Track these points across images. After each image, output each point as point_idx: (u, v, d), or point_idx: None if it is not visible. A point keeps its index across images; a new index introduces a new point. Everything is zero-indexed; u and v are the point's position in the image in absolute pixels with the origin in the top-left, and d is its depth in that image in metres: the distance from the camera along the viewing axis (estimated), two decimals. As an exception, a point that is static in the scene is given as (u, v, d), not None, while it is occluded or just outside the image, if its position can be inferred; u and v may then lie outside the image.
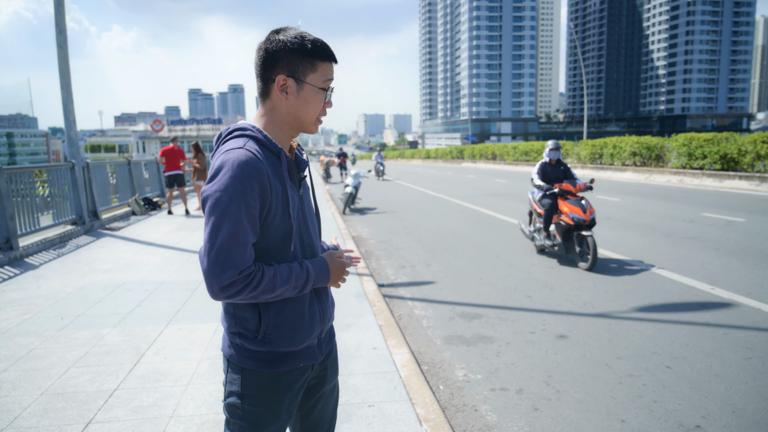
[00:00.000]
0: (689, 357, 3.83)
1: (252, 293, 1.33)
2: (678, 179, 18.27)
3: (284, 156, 1.43)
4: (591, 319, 4.72)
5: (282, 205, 1.40)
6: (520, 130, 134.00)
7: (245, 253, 1.31)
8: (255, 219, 1.33)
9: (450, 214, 12.18)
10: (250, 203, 1.30)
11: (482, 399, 3.34)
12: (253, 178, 1.31)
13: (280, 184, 1.40)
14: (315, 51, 1.40)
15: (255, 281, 1.32)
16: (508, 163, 35.92)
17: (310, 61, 1.41)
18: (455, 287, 5.96)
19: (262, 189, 1.33)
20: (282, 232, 1.42)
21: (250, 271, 1.32)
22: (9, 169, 7.07)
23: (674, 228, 9.05)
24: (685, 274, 6.05)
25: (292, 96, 1.42)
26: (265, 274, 1.34)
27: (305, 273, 1.42)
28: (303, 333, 1.47)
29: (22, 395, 3.13)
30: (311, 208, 1.59)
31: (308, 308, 1.48)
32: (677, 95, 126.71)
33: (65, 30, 8.79)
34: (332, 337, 1.68)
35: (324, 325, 1.55)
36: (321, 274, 1.47)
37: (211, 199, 1.31)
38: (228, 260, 1.29)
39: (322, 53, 1.41)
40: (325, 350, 1.60)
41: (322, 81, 1.43)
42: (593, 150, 25.12)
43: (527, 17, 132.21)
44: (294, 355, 1.49)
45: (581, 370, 3.70)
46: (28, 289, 5.51)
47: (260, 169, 1.32)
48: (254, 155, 1.34)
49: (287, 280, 1.37)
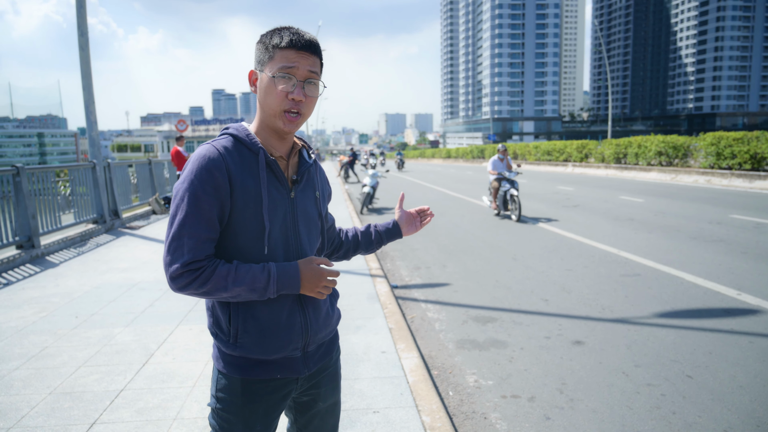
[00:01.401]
0: (712, 366, 3.68)
1: (201, 289, 1.29)
2: (705, 179, 17.80)
3: (263, 155, 1.37)
4: (609, 325, 4.58)
5: (253, 204, 1.35)
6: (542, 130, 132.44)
7: (196, 246, 1.29)
8: (209, 213, 1.30)
9: (468, 215, 12.04)
10: (203, 197, 1.29)
11: (492, 406, 3.25)
12: (210, 172, 1.30)
13: (252, 182, 1.35)
14: (272, 39, 1.35)
15: (203, 277, 1.28)
16: (529, 163, 35.50)
17: (269, 51, 1.35)
18: (470, 289, 5.86)
19: (217, 184, 1.30)
20: (253, 232, 1.36)
21: (198, 265, 1.28)
22: (31, 168, 7.20)
23: (700, 230, 8.78)
24: (711, 278, 5.84)
25: (258, 89, 1.39)
26: (217, 272, 1.29)
27: (266, 275, 1.33)
28: (277, 342, 1.40)
29: (31, 394, 3.15)
30: (307, 212, 1.49)
31: (287, 317, 1.41)
32: (706, 93, 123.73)
33: (87, 32, 8.91)
34: (329, 353, 1.57)
35: (308, 337, 1.46)
36: (287, 279, 1.35)
37: (173, 193, 1.35)
38: (176, 252, 1.28)
39: (282, 42, 1.34)
40: (313, 365, 1.51)
41: (278, 68, 1.34)
42: (617, 149, 24.65)
43: (551, 14, 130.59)
44: (269, 365, 1.42)
45: (597, 377, 3.58)
46: (47, 287, 5.59)
47: (218, 165, 1.31)
48: (216, 150, 1.33)
49: (242, 280, 1.31)
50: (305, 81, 1.36)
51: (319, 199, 1.53)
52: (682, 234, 8.51)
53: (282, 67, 1.34)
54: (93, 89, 9.16)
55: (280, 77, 1.34)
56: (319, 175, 1.58)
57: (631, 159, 23.48)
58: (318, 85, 1.40)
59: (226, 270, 1.30)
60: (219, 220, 1.33)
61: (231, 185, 1.32)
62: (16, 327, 4.34)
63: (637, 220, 10.16)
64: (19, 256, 6.53)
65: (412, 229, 1.80)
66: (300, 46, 1.35)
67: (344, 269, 6.29)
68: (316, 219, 1.52)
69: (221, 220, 1.34)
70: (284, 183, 1.42)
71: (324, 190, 1.59)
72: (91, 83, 9.13)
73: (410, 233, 1.79)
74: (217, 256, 1.39)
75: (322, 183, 1.59)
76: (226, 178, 1.31)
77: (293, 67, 1.34)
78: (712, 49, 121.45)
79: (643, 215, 10.71)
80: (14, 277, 6.04)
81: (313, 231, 1.52)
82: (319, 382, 1.55)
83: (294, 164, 1.48)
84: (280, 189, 1.41)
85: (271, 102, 1.36)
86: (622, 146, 24.36)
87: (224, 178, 1.31)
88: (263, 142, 1.41)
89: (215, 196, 1.30)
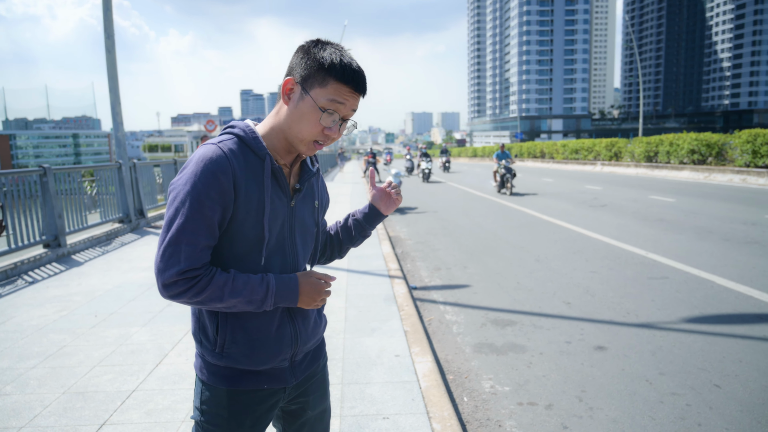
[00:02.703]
0: (742, 375, 3.49)
1: (196, 298, 1.22)
2: (740, 178, 17.19)
3: (269, 161, 1.30)
4: (633, 330, 4.41)
5: (255, 212, 1.28)
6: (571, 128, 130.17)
7: (193, 254, 1.21)
8: (211, 220, 1.22)
9: (491, 215, 11.87)
10: (206, 202, 1.21)
11: (508, 414, 3.15)
12: (215, 176, 1.21)
13: (256, 189, 1.28)
14: (332, 68, 1.25)
15: (198, 286, 1.21)
16: (557, 162, 34.93)
17: (323, 76, 1.26)
18: (490, 291, 5.74)
19: (223, 189, 1.22)
20: (251, 240, 1.30)
21: (195, 274, 1.21)
22: (57, 169, 7.35)
23: (733, 231, 8.45)
24: (743, 281, 5.60)
25: (292, 103, 1.29)
26: (213, 281, 1.22)
27: (264, 287, 1.27)
28: (266, 354, 1.34)
29: (45, 393, 3.18)
30: (305, 222, 1.43)
31: (276, 329, 1.36)
32: (743, 89, 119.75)
33: (113, 35, 9.07)
34: (315, 360, 1.53)
35: (297, 348, 1.41)
36: (286, 292, 1.31)
37: (172, 193, 1.24)
38: (172, 258, 1.20)
39: (340, 73, 1.25)
40: (300, 374, 1.46)
41: (327, 100, 1.26)
42: (648, 147, 24.03)
43: (580, 10, 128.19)
44: (256, 375, 1.37)
45: (619, 385, 3.44)
46: (69, 286, 5.69)
47: (225, 169, 1.22)
48: (223, 153, 1.24)
49: (240, 292, 1.24)
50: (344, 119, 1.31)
51: (317, 208, 1.49)
52: (714, 235, 8.20)
53: (332, 101, 1.26)
54: (119, 91, 9.32)
55: (327, 112, 1.27)
56: (319, 184, 1.53)
57: (662, 157, 22.85)
58: (351, 123, 1.34)
59: (223, 280, 1.24)
60: (220, 226, 1.27)
61: (235, 191, 1.25)
62: (37, 325, 4.42)
63: (667, 220, 9.85)
64: (45, 254, 6.67)
65: (391, 204, 1.66)
66: (357, 86, 1.28)
67: (362, 270, 6.24)
68: (312, 228, 1.47)
69: (221, 226, 1.27)
70: (286, 191, 1.36)
71: (323, 199, 1.54)
72: (117, 85, 9.29)
73: (391, 210, 1.67)
74: (211, 262, 1.32)
75: (321, 192, 1.54)
76: (231, 184, 1.23)
77: (342, 104, 1.27)
78: (750, 44, 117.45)
79: (673, 215, 10.38)
80: (40, 275, 6.16)
81: (308, 240, 1.47)
82: (306, 390, 1.50)
83: (296, 172, 1.42)
84: (282, 198, 1.35)
85: (304, 128, 1.28)
86: (653, 144, 23.73)
87: (230, 184, 1.23)
88: (270, 147, 1.34)
89: (219, 202, 1.23)
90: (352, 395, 3.12)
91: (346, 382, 3.29)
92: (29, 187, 6.83)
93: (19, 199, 6.54)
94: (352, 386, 3.24)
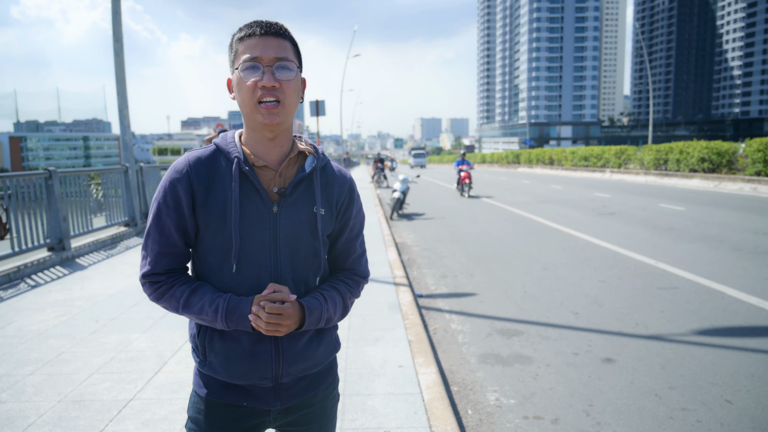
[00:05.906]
0: (754, 390, 3.39)
1: (160, 304, 1.29)
2: (751, 187, 16.97)
3: (238, 164, 1.25)
4: (642, 342, 4.31)
5: (218, 218, 1.24)
6: (581, 134, 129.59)
7: (154, 260, 1.27)
8: (168, 227, 1.26)
9: (499, 221, 11.77)
10: (163, 210, 1.26)
11: (513, 427, 3.06)
12: (173, 185, 1.25)
13: (223, 194, 1.24)
14: (237, 36, 1.26)
15: (159, 292, 1.28)
16: (566, 169, 34.73)
17: (235, 48, 1.26)
18: (497, 300, 5.65)
19: (177, 197, 1.25)
20: (222, 248, 1.25)
21: (157, 279, 1.28)
22: (63, 172, 7.35)
23: (744, 241, 8.30)
24: (755, 293, 5.47)
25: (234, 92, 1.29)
26: (171, 291, 1.27)
27: (212, 310, 1.22)
28: (241, 369, 1.28)
29: (41, 401, 3.12)
30: (294, 231, 1.28)
31: (250, 344, 1.27)
32: (754, 96, 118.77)
33: (121, 38, 9.09)
34: (312, 388, 1.39)
35: (280, 368, 1.29)
36: (237, 318, 1.21)
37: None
38: (142, 261, 1.30)
39: (242, 33, 1.24)
40: (288, 399, 1.34)
41: (242, 62, 1.22)
42: (657, 155, 23.83)
43: (590, 18, 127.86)
44: (235, 390, 1.31)
45: (627, 399, 3.34)
46: (72, 290, 5.65)
47: (181, 177, 1.25)
48: (185, 162, 1.27)
49: (191, 308, 1.26)
50: (275, 66, 1.22)
51: (319, 215, 1.30)
52: (724, 245, 8.06)
53: (247, 58, 1.22)
54: (127, 94, 9.33)
55: (247, 69, 1.22)
56: (331, 190, 1.34)
57: (672, 165, 22.63)
58: (292, 68, 1.24)
59: (180, 292, 1.26)
60: (182, 234, 1.27)
61: (193, 198, 1.24)
62: (37, 330, 4.38)
63: (676, 229, 9.71)
64: (49, 258, 6.65)
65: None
66: (262, 32, 1.23)
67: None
68: (306, 239, 1.30)
69: (185, 234, 1.27)
70: (264, 196, 1.26)
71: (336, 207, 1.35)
72: (125, 88, 9.30)
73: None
74: (193, 272, 1.34)
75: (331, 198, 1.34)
76: (187, 191, 1.25)
77: (258, 56, 1.22)
78: (761, 51, 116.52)
79: (683, 224, 10.24)
80: (43, 279, 6.14)
81: (301, 253, 1.30)
82: (298, 420, 1.39)
83: (289, 174, 1.30)
84: (257, 202, 1.26)
85: (243, 97, 1.23)
86: (662, 152, 23.52)
87: (185, 191, 1.25)
88: (251, 149, 1.27)
89: (175, 210, 1.25)
90: (354, 407, 3.04)
91: (347, 394, 3.22)
92: (35, 190, 6.83)
93: (24, 202, 6.54)
94: (354, 398, 3.16)
